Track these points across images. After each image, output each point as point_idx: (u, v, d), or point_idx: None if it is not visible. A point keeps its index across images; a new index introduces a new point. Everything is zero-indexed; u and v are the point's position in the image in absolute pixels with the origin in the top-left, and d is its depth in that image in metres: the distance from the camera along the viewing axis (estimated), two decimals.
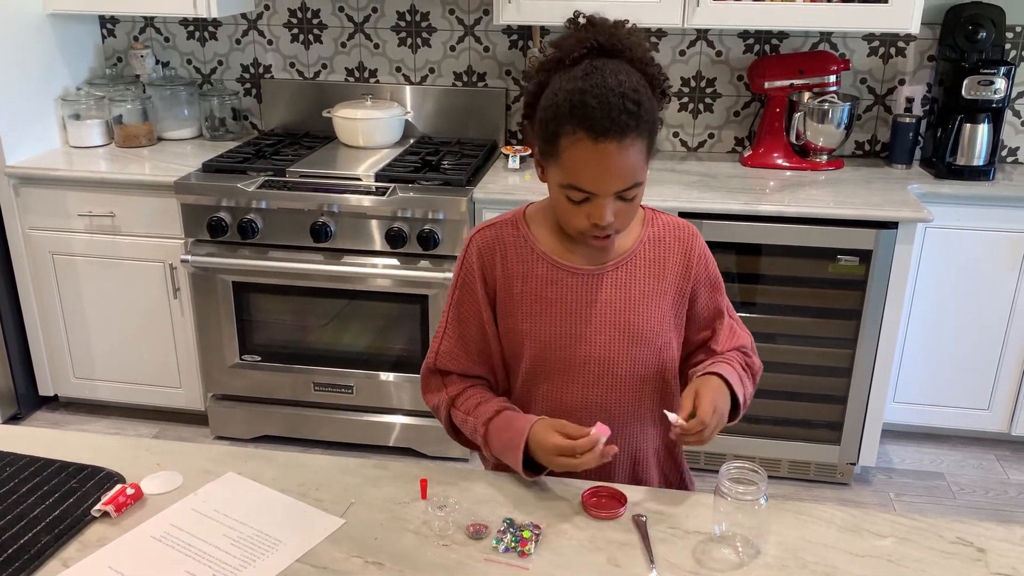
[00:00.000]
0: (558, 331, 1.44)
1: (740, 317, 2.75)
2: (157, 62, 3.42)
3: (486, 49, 3.23)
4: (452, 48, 3.25)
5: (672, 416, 1.33)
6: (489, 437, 1.43)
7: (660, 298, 1.46)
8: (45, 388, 3.23)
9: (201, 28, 3.38)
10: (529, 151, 3.05)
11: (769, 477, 1.26)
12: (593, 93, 1.27)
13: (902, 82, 3.09)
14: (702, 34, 3.11)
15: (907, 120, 3.00)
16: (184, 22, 3.38)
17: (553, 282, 1.44)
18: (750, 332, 1.56)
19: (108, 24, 3.42)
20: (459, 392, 1.50)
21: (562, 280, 1.44)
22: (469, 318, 1.50)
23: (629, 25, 1.38)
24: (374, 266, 2.78)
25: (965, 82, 2.82)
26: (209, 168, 2.91)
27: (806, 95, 2.95)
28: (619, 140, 1.27)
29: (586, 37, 1.35)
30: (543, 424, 1.37)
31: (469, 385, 1.51)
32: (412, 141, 3.24)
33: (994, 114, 2.86)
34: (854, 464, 2.85)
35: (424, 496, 1.35)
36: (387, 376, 2.92)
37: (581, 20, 1.39)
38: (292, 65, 3.37)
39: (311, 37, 3.32)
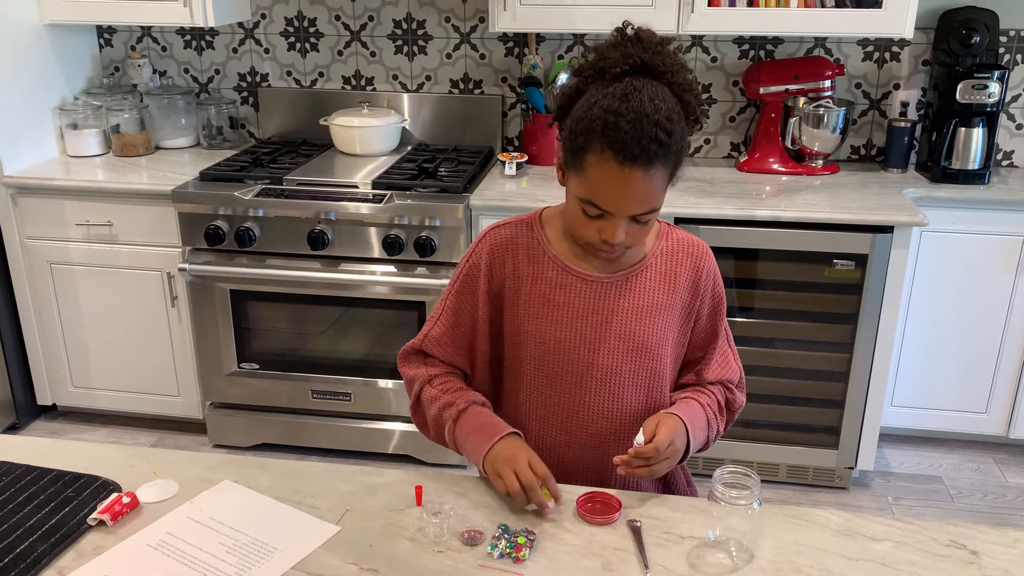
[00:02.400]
0: (562, 335, 1.45)
1: (737, 322, 2.77)
2: (154, 71, 3.43)
3: (482, 56, 3.24)
4: (448, 56, 3.26)
5: (639, 437, 1.35)
6: (464, 416, 1.45)
7: (668, 311, 1.47)
8: (43, 397, 3.23)
9: (198, 37, 3.39)
10: (525, 158, 3.06)
11: (767, 482, 1.27)
12: (628, 117, 1.26)
13: (897, 87, 3.10)
14: (697, 40, 3.12)
15: (902, 124, 3.01)
16: (181, 31, 3.39)
17: (562, 286, 1.45)
18: (742, 367, 1.57)
19: (105, 34, 3.43)
20: (439, 373, 1.53)
21: (571, 285, 1.45)
22: (464, 311, 1.51)
23: (674, 45, 1.37)
24: (371, 273, 2.78)
25: (959, 86, 2.82)
26: (206, 177, 2.92)
27: (801, 100, 2.96)
28: (645, 168, 1.28)
29: (631, 53, 1.33)
30: (521, 442, 1.40)
31: (449, 371, 1.54)
32: (409, 148, 3.25)
33: (988, 118, 2.87)
34: (852, 468, 2.85)
35: (419, 503, 1.36)
36: (385, 383, 2.92)
37: (630, 32, 1.36)
38: (289, 73, 3.38)
39: (308, 46, 3.33)
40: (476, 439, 1.42)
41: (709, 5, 2.73)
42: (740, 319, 2.73)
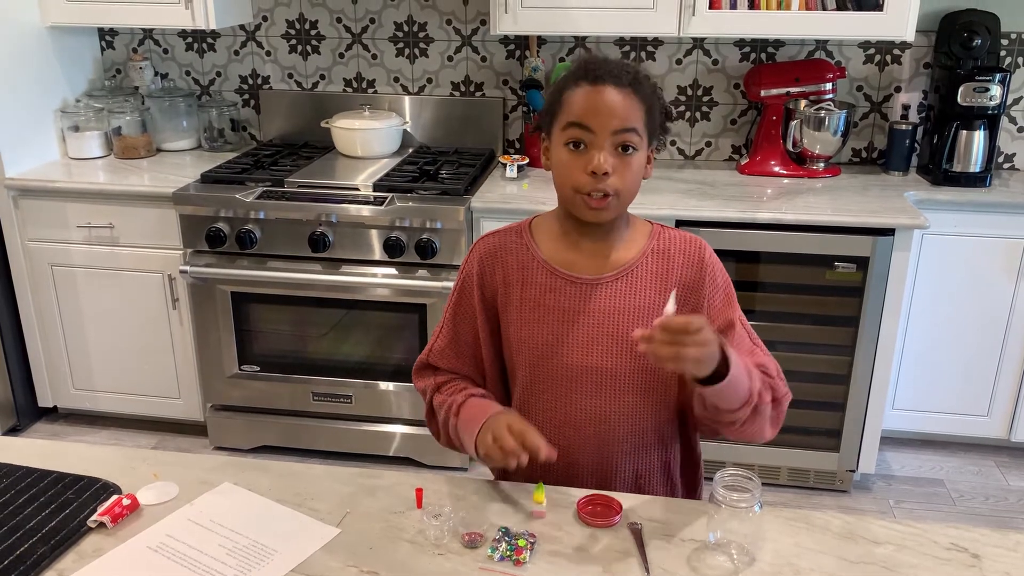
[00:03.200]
0: (555, 339, 1.45)
1: None
2: (156, 74, 3.43)
3: (483, 59, 3.24)
4: (449, 58, 3.26)
5: (670, 305, 1.21)
6: (463, 409, 1.45)
7: (663, 310, 1.45)
8: (44, 399, 3.24)
9: (199, 40, 3.39)
10: (527, 160, 3.06)
11: (768, 485, 1.27)
12: (595, 61, 1.39)
13: (898, 89, 3.10)
14: (698, 43, 3.12)
15: (903, 127, 3.01)
16: (183, 34, 3.39)
17: (552, 290, 1.45)
18: (776, 362, 1.46)
19: (107, 36, 3.44)
20: (447, 380, 1.54)
21: (561, 288, 1.45)
22: (464, 321, 1.52)
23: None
24: (372, 276, 2.78)
25: (960, 89, 2.82)
26: (208, 179, 2.92)
27: (802, 103, 2.96)
28: (617, 86, 1.36)
29: (589, 59, 1.43)
30: (503, 414, 1.39)
31: (458, 377, 1.54)
32: (410, 151, 3.25)
33: (990, 121, 2.87)
34: (853, 471, 2.85)
35: (419, 505, 1.36)
36: (386, 386, 2.92)
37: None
38: (290, 76, 3.38)
39: (309, 48, 3.34)
40: (470, 428, 1.41)
41: (710, 8, 2.73)
42: None
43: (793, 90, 2.96)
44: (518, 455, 1.30)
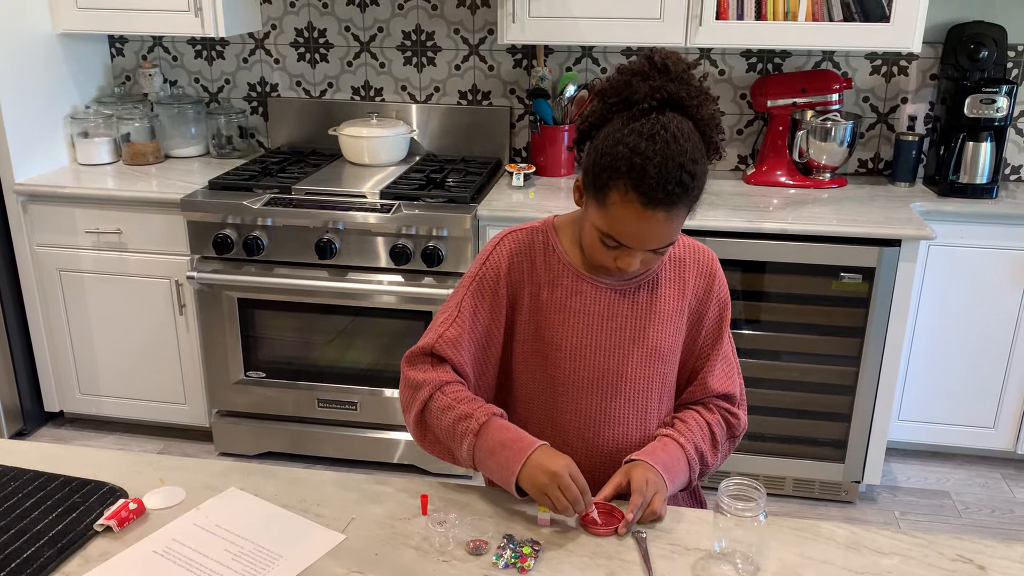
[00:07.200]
0: (579, 342, 1.46)
1: (744, 334, 2.76)
2: (165, 81, 3.45)
3: (491, 68, 3.26)
4: (457, 67, 3.27)
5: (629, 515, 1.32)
6: (486, 431, 1.38)
7: (678, 317, 1.49)
8: (51, 404, 3.24)
9: (209, 47, 3.41)
10: (533, 169, 3.07)
11: (773, 495, 1.27)
12: (655, 161, 1.27)
13: (904, 100, 3.10)
14: (705, 53, 3.13)
15: (910, 138, 3.01)
16: (192, 41, 3.41)
17: (577, 293, 1.46)
18: (743, 380, 1.57)
19: (117, 43, 3.46)
20: (451, 381, 1.45)
21: (586, 292, 1.46)
22: (482, 313, 1.48)
23: (700, 72, 1.38)
24: (379, 283, 2.79)
25: (967, 100, 2.83)
26: (215, 186, 2.93)
27: (809, 113, 2.96)
28: (668, 210, 1.30)
29: (659, 86, 1.31)
30: (554, 451, 1.36)
31: (458, 380, 1.47)
32: (417, 159, 3.26)
33: (996, 132, 2.87)
34: (859, 482, 2.84)
35: (424, 512, 1.36)
36: (391, 393, 2.92)
37: (657, 60, 1.33)
38: (298, 84, 3.40)
39: (317, 56, 3.35)
40: (504, 455, 1.36)
41: (717, 18, 2.74)
42: (747, 331, 2.72)
43: (799, 100, 2.97)
44: (580, 504, 1.31)
